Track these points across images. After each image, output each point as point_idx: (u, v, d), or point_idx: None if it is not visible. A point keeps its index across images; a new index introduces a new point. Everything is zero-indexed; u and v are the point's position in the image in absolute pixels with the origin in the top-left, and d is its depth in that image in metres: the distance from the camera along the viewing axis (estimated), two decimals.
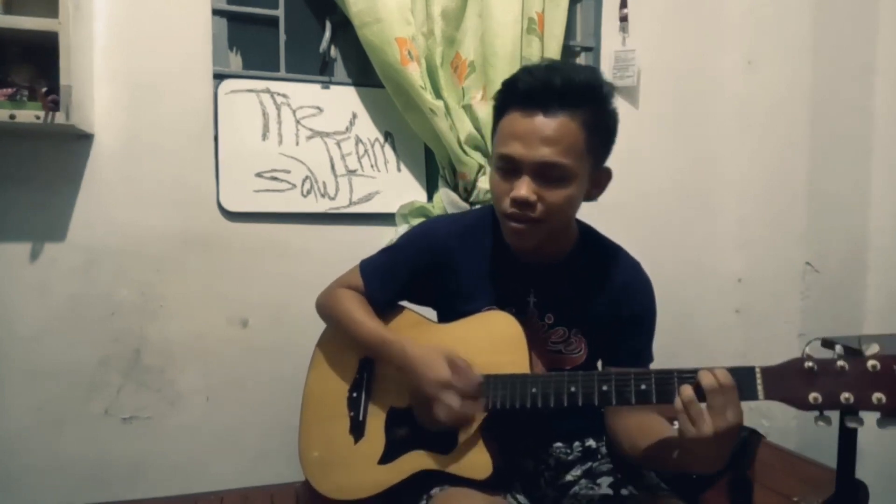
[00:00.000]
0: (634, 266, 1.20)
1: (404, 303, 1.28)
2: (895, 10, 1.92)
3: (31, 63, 1.48)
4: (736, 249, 2.17)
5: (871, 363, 0.82)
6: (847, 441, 1.34)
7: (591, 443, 1.23)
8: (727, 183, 2.17)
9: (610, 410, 1.13)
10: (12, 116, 1.37)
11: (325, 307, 1.30)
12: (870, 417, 0.84)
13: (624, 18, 2.01)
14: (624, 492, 1.10)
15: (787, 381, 0.86)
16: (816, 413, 0.85)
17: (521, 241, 1.08)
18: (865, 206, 1.96)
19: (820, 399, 0.83)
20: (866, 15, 1.95)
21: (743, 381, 0.87)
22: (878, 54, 1.96)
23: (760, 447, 1.45)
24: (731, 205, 2.17)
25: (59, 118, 1.38)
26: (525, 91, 1.01)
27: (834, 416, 0.86)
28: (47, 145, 1.57)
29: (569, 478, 1.18)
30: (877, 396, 0.81)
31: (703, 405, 0.86)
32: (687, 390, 0.87)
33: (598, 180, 1.11)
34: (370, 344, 1.20)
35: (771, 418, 2.04)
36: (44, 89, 1.41)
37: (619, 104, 2.10)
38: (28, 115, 1.38)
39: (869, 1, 1.95)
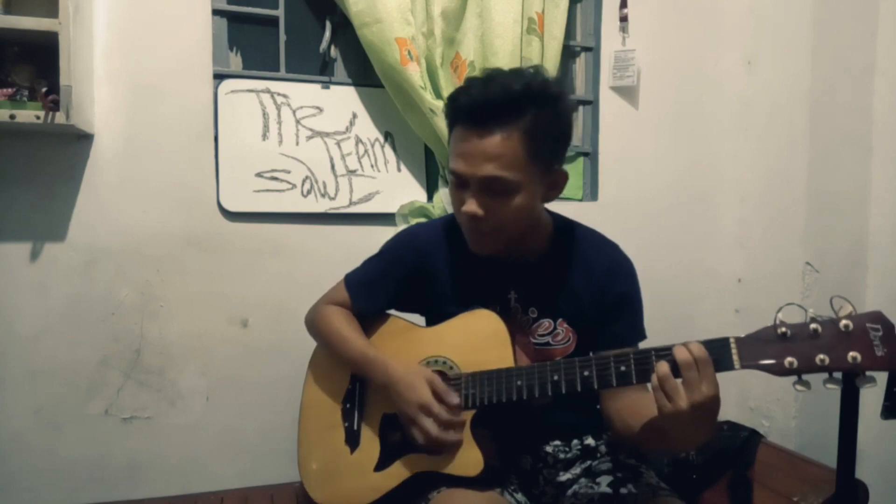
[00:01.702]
0: (613, 248, 1.21)
1: (392, 311, 1.30)
2: (895, 10, 1.92)
3: (32, 63, 1.48)
4: (736, 249, 2.17)
5: (843, 323, 0.83)
6: (847, 441, 1.34)
7: (589, 441, 1.24)
8: (727, 183, 2.17)
9: (604, 394, 1.14)
10: (12, 116, 1.37)
11: (313, 326, 1.33)
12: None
13: (624, 18, 2.01)
14: (623, 491, 1.10)
15: (762, 348, 0.87)
16: (794, 378, 0.85)
17: (481, 247, 1.11)
18: (865, 206, 1.96)
19: (796, 363, 0.84)
20: (866, 15, 1.95)
21: (718, 352, 0.88)
22: (878, 54, 1.95)
23: (760, 447, 1.45)
24: (731, 205, 2.17)
25: (60, 118, 1.38)
26: (463, 108, 1.03)
27: (815, 383, 0.85)
28: (47, 145, 1.57)
29: (568, 476, 1.19)
30: (852, 355, 0.82)
31: (679, 380, 0.87)
32: (662, 366, 0.88)
33: (552, 183, 1.11)
34: (355, 362, 1.23)
35: (771, 418, 2.04)
36: (44, 89, 1.41)
37: (619, 104, 2.13)
38: (28, 115, 1.38)
39: (869, 1, 1.95)
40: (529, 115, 1.02)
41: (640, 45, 2.03)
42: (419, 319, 1.31)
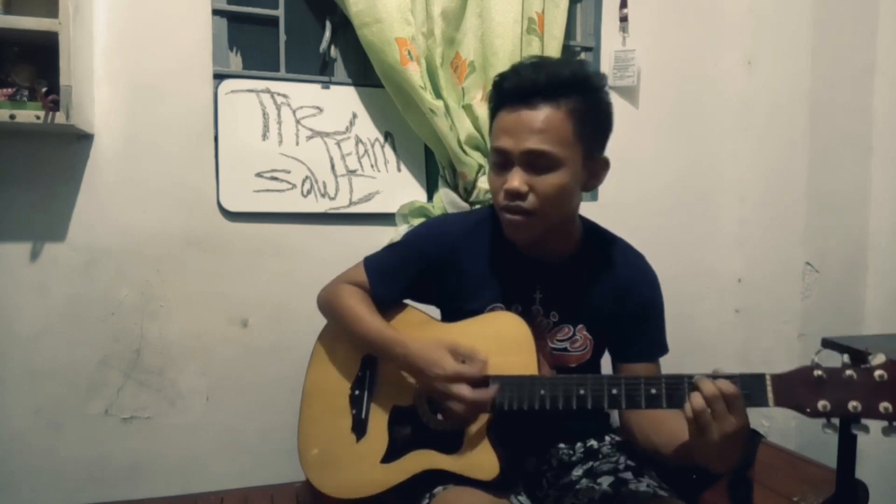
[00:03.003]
0: (638, 259, 1.22)
1: (407, 301, 1.29)
2: (895, 11, 1.93)
3: (32, 63, 1.48)
4: (736, 249, 2.17)
5: (878, 373, 0.84)
6: (847, 442, 1.35)
7: (592, 443, 1.24)
8: (727, 183, 2.17)
9: None
10: (12, 116, 1.37)
11: (328, 303, 1.30)
12: (874, 426, 0.85)
13: (624, 18, 2.01)
14: (624, 491, 1.10)
15: (797, 389, 0.88)
16: (824, 420, 0.86)
17: (518, 232, 1.10)
18: (865, 206, 1.96)
19: (829, 407, 0.85)
20: (866, 15, 1.96)
21: (753, 388, 0.89)
22: (878, 54, 1.96)
23: (760, 447, 1.45)
24: (731, 205, 2.17)
25: (60, 118, 1.38)
26: (512, 89, 1.06)
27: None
28: (47, 145, 1.57)
29: (570, 478, 1.18)
30: (884, 406, 0.83)
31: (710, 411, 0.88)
32: (698, 400, 0.88)
33: (594, 170, 1.12)
34: (373, 343, 1.20)
35: (771, 418, 2.05)
36: (44, 89, 1.40)
37: (619, 104, 2.14)
38: (28, 115, 1.38)
39: (869, 1, 1.95)
40: (575, 97, 1.05)
41: (640, 45, 2.03)
42: (435, 312, 1.29)
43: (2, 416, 1.58)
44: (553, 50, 1.85)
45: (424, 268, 1.22)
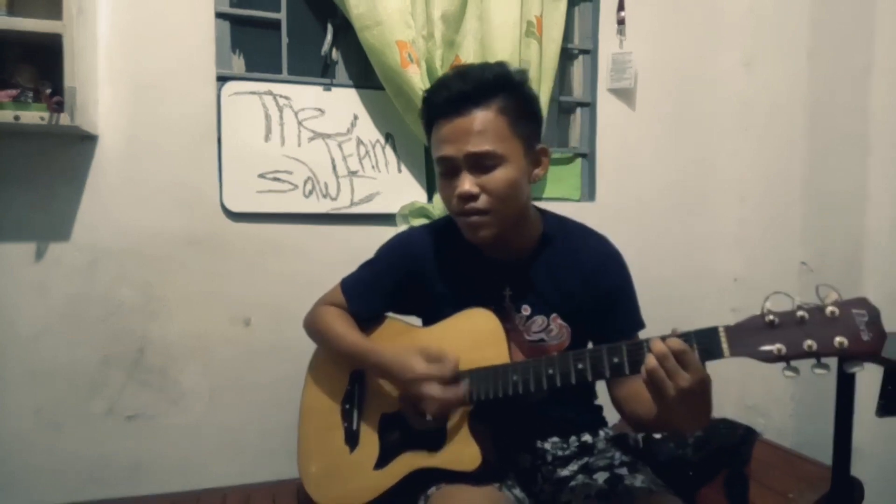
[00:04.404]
0: (601, 241, 1.24)
1: (388, 314, 1.32)
2: (894, 10, 1.93)
3: (35, 64, 1.49)
4: (733, 249, 2.18)
5: (829, 309, 0.84)
6: (843, 439, 1.35)
7: (587, 438, 1.25)
8: (725, 183, 2.18)
9: (609, 384, 1.16)
10: (17, 118, 1.39)
11: (311, 326, 1.35)
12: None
13: (622, 21, 2.03)
14: (620, 487, 1.12)
15: (751, 337, 0.87)
16: (783, 364, 0.86)
17: (478, 233, 1.13)
18: (863, 206, 1.96)
19: (784, 350, 0.85)
20: (865, 15, 1.96)
21: (707, 342, 0.90)
22: (877, 54, 1.96)
23: (757, 445, 1.46)
24: (728, 205, 2.18)
25: (64, 119, 1.39)
26: (443, 101, 1.11)
27: (804, 370, 0.86)
28: (51, 146, 1.59)
29: (566, 473, 1.20)
30: (838, 340, 0.82)
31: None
32: (650, 360, 0.90)
33: (536, 160, 1.16)
34: (353, 356, 1.25)
35: (767, 416, 2.05)
36: (48, 90, 1.42)
37: (617, 106, 2.14)
38: (32, 116, 1.40)
39: (867, 2, 1.96)
40: (502, 96, 1.10)
41: (638, 47, 2.04)
42: (416, 321, 1.32)
43: (2, 415, 1.59)
44: (551, 52, 1.86)
45: (397, 281, 1.27)
